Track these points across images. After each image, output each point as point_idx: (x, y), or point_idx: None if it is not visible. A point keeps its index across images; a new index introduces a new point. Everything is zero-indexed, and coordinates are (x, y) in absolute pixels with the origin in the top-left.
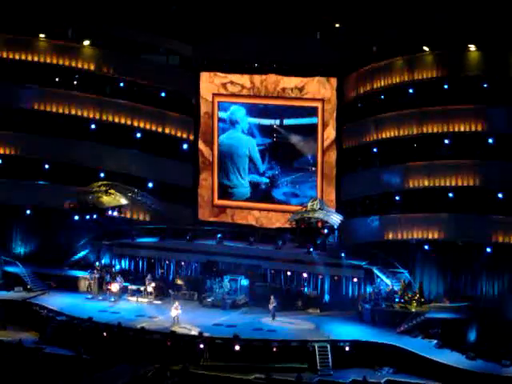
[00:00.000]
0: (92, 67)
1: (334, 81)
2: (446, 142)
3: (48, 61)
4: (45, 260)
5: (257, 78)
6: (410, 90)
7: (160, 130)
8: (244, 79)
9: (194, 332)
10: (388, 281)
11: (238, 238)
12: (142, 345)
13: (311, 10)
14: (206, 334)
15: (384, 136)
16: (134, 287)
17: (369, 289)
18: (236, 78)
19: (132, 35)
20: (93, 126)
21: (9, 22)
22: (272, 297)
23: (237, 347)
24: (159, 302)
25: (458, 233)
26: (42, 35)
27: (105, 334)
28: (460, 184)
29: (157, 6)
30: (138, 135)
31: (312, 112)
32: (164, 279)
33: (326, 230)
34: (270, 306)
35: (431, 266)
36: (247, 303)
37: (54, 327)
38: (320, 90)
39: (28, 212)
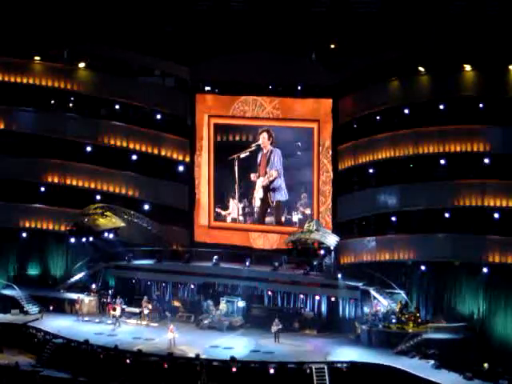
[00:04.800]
0: (87, 89)
1: (329, 102)
2: (442, 162)
3: (43, 83)
4: (41, 283)
5: (252, 100)
6: (406, 111)
7: (156, 151)
8: (240, 100)
9: (191, 354)
10: (385, 301)
11: (234, 260)
12: (139, 367)
13: (307, 31)
14: (203, 356)
15: (380, 157)
16: (130, 309)
17: (366, 309)
18: (232, 99)
19: (127, 57)
20: (89, 149)
21: (4, 45)
22: (276, 319)
23: (234, 369)
24: (156, 325)
25: (454, 253)
26: (37, 58)
27: (102, 356)
28: (456, 204)
29: (152, 27)
30: (134, 157)
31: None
32: (160, 301)
33: (322, 251)
34: (275, 329)
35: (428, 287)
36: (244, 325)
37: (50, 350)
38: (315, 110)
39: (24, 235)
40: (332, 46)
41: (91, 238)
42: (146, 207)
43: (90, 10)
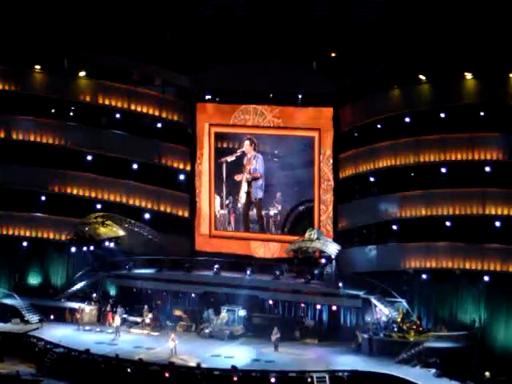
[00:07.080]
0: (88, 98)
1: (330, 110)
2: (443, 170)
3: (44, 92)
4: (42, 292)
5: (253, 108)
6: (407, 119)
7: (157, 160)
8: (240, 109)
9: (192, 363)
10: (386, 310)
11: (235, 269)
12: (139, 376)
13: (307, 40)
14: (204, 365)
15: (381, 165)
16: (131, 318)
17: (367, 318)
18: (232, 108)
19: (128, 66)
20: (89, 158)
21: (4, 54)
22: (275, 328)
23: (235, 378)
24: (157, 334)
25: (455, 261)
26: (37, 67)
27: (102, 365)
28: (457, 213)
29: (153, 36)
30: (135, 166)
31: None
32: (161, 310)
33: (323, 260)
34: (273, 337)
35: (429, 295)
36: (245, 334)
37: (51, 359)
38: (316, 119)
39: (25, 244)
40: (332, 55)
41: (92, 247)
42: (147, 216)
43: (90, 19)
